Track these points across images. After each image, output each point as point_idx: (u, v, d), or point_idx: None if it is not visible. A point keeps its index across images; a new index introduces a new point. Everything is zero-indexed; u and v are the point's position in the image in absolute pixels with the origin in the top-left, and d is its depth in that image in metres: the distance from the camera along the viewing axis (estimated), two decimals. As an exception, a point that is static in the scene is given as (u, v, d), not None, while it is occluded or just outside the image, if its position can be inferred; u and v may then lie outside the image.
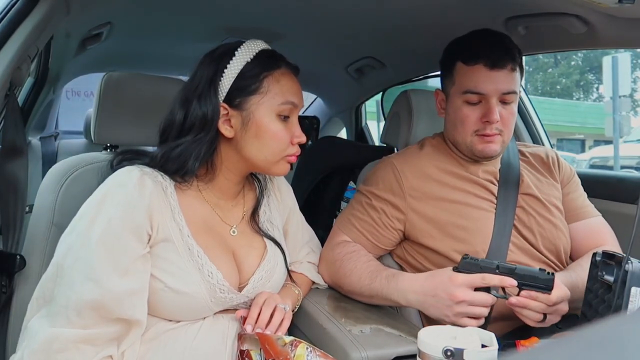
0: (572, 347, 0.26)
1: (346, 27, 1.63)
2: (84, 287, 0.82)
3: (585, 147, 16.55)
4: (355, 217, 1.25)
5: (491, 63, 1.14)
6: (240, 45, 0.97)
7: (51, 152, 2.37)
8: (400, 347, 0.96)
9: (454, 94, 1.21)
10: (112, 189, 0.90)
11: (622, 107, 8.73)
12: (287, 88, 0.98)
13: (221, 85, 0.95)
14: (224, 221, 1.01)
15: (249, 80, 0.95)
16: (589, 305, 0.97)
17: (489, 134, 1.17)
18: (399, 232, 1.23)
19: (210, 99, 0.94)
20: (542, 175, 1.29)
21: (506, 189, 1.22)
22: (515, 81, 1.17)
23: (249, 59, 0.96)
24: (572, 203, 1.29)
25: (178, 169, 0.94)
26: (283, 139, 0.97)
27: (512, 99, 1.18)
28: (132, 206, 0.88)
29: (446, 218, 1.18)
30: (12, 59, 0.97)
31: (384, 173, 1.26)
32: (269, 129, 0.96)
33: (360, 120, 2.71)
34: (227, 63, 0.95)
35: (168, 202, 0.93)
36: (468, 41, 1.21)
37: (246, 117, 0.95)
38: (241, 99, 0.95)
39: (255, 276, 1.00)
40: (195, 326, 0.93)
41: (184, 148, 0.94)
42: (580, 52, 20.99)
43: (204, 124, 0.94)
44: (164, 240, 0.91)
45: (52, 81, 2.00)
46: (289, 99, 0.97)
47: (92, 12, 1.43)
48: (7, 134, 1.10)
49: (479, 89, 1.16)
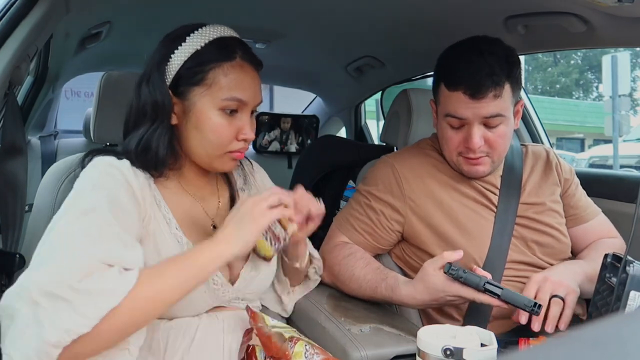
0: (572, 346, 0.26)
1: (346, 26, 1.63)
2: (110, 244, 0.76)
3: (585, 146, 16.56)
4: (353, 217, 1.25)
5: (471, 92, 1.09)
6: (196, 29, 0.92)
7: (50, 151, 2.36)
8: (399, 346, 0.96)
9: (439, 113, 1.20)
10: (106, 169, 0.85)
11: (621, 106, 8.72)
12: (236, 83, 0.90)
13: (167, 71, 0.90)
14: (207, 213, 0.99)
15: (194, 70, 0.89)
16: (596, 307, 0.97)
17: (473, 158, 1.15)
18: (397, 233, 1.23)
19: (159, 85, 0.90)
20: (545, 177, 1.28)
21: (507, 195, 1.21)
22: (500, 105, 1.10)
23: (199, 47, 0.90)
24: (574, 206, 1.29)
25: (151, 162, 0.90)
26: (224, 134, 0.91)
27: (497, 122, 1.12)
28: (132, 185, 0.85)
29: (444, 222, 1.17)
30: (11, 58, 0.97)
31: (384, 174, 1.25)
32: (209, 123, 0.90)
33: (360, 119, 2.71)
34: (176, 48, 0.90)
35: (152, 195, 0.90)
36: (452, 62, 1.15)
37: (188, 107, 0.91)
38: (184, 88, 0.90)
39: (245, 270, 0.98)
40: (192, 324, 0.92)
41: (147, 140, 0.90)
42: (579, 51, 21.01)
43: (156, 112, 0.90)
44: (153, 232, 0.88)
45: (51, 80, 2.00)
46: (234, 95, 0.90)
47: (91, 11, 1.43)
48: (7, 133, 1.10)
49: (459, 114, 1.12)
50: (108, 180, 0.83)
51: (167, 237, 0.89)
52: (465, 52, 1.13)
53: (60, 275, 0.69)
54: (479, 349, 0.76)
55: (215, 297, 0.95)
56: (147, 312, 0.76)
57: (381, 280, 1.13)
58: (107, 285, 0.71)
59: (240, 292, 0.98)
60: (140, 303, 0.74)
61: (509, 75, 1.11)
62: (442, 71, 1.17)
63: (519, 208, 1.20)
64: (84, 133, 2.50)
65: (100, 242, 0.75)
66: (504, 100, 1.11)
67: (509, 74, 1.11)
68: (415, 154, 1.29)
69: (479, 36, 1.16)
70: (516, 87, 1.14)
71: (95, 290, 0.70)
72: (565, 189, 1.29)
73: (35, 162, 2.25)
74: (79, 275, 0.70)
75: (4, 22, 0.97)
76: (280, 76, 2.62)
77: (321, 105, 2.88)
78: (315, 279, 1.18)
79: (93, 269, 0.72)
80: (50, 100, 2.39)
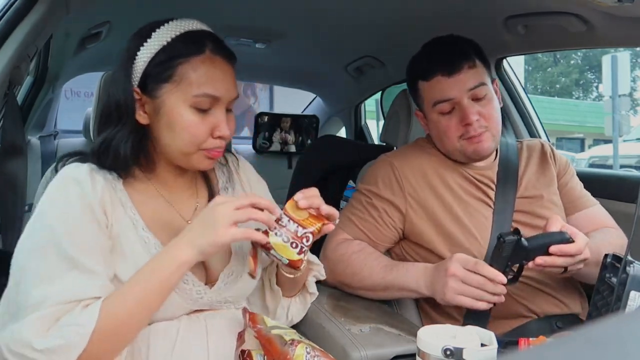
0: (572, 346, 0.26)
1: (346, 27, 1.63)
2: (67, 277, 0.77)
3: (585, 146, 16.55)
4: (355, 215, 1.25)
5: (448, 70, 1.15)
6: (161, 25, 0.89)
7: (50, 151, 2.36)
8: (399, 346, 0.96)
9: (427, 110, 1.23)
10: (64, 184, 0.84)
11: (621, 106, 8.72)
12: (207, 78, 0.86)
13: (134, 69, 0.87)
14: (182, 216, 0.95)
15: (162, 66, 0.85)
16: (596, 307, 0.97)
17: (475, 135, 1.17)
18: (399, 230, 1.23)
19: (124, 84, 0.87)
20: (540, 169, 1.29)
21: (504, 191, 1.22)
22: (478, 75, 1.17)
23: (165, 42, 0.86)
24: (569, 194, 1.29)
25: (113, 162, 0.87)
26: (197, 132, 0.87)
27: (483, 92, 1.17)
28: (88, 200, 0.83)
29: (444, 218, 1.18)
30: (11, 58, 0.97)
31: (384, 173, 1.26)
32: (180, 120, 0.86)
33: (360, 119, 2.71)
34: (142, 45, 0.87)
35: (118, 197, 0.87)
36: (420, 58, 1.23)
37: (158, 105, 0.87)
38: (153, 86, 0.86)
39: (225, 272, 0.94)
40: (172, 327, 0.89)
41: (109, 141, 0.87)
42: (579, 51, 21.02)
43: (120, 112, 0.87)
44: (119, 236, 0.85)
45: (51, 80, 2.00)
46: (205, 91, 0.86)
47: (91, 11, 1.43)
48: (7, 133, 1.10)
49: (445, 96, 1.17)
50: (65, 196, 0.83)
51: (133, 239, 0.86)
52: (430, 46, 1.23)
53: (20, 335, 0.72)
54: (479, 349, 0.76)
55: (192, 301, 0.90)
56: (118, 342, 0.78)
57: (397, 262, 1.16)
58: (69, 335, 0.73)
59: (221, 295, 0.93)
60: (107, 337, 0.76)
61: (476, 53, 1.19)
62: (415, 71, 1.24)
63: (516, 202, 1.21)
64: (84, 133, 2.49)
65: (54, 280, 0.76)
66: (479, 71, 1.18)
67: (475, 52, 1.19)
68: (414, 152, 1.30)
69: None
70: (486, 65, 1.22)
71: (56, 347, 0.72)
72: (559, 178, 1.30)
73: (35, 162, 2.25)
74: (39, 330, 0.73)
75: (4, 22, 0.97)
76: (280, 76, 2.62)
77: (321, 105, 2.88)
78: (312, 291, 1.10)
79: (52, 316, 0.74)
80: (50, 100, 2.39)
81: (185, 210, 0.96)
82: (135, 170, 0.91)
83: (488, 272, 0.99)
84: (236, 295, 0.97)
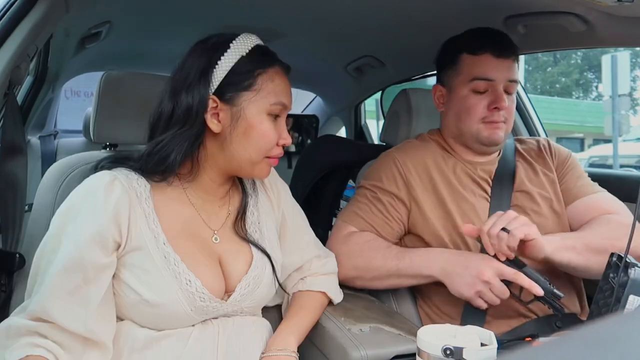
0: (571, 345, 0.26)
1: (346, 26, 1.63)
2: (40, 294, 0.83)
3: (585, 146, 16.55)
4: (362, 210, 1.25)
5: (497, 52, 1.20)
6: (235, 37, 0.94)
7: (50, 151, 2.36)
8: (399, 345, 0.96)
9: (459, 85, 1.24)
10: (80, 195, 0.88)
11: (621, 106, 8.72)
12: (281, 88, 0.94)
13: (213, 77, 0.91)
14: (208, 225, 0.97)
15: (243, 76, 0.91)
16: (597, 305, 0.97)
17: (496, 121, 1.21)
18: (404, 224, 1.24)
19: (199, 90, 0.90)
20: (537, 167, 1.30)
21: (501, 186, 1.24)
22: (517, 71, 1.23)
23: (244, 53, 0.92)
24: (568, 183, 1.29)
25: (158, 164, 0.90)
26: (271, 139, 0.94)
27: (514, 88, 1.23)
28: (98, 213, 0.85)
29: (444, 213, 1.20)
30: (11, 58, 0.97)
31: (387, 167, 1.27)
32: (259, 128, 0.92)
33: (360, 119, 2.71)
34: (222, 55, 0.91)
35: (142, 208, 0.89)
36: (471, 34, 1.25)
37: (236, 113, 0.91)
38: (233, 94, 0.91)
39: (242, 283, 0.95)
40: (185, 333, 0.90)
41: (167, 142, 0.90)
42: (579, 51, 21.01)
43: (188, 116, 0.90)
44: (138, 248, 0.87)
45: (51, 80, 2.00)
46: (281, 100, 0.94)
47: (91, 10, 1.42)
48: (7, 132, 1.10)
49: (488, 75, 1.20)
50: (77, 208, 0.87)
51: (153, 252, 0.87)
52: (479, 28, 1.26)
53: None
54: (479, 348, 0.76)
55: (205, 314, 0.92)
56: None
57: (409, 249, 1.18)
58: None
59: (237, 306, 0.95)
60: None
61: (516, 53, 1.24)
62: (463, 43, 1.25)
63: (512, 196, 1.22)
64: (84, 133, 2.49)
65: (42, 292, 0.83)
66: (517, 69, 1.24)
67: (516, 52, 1.24)
68: (416, 146, 1.32)
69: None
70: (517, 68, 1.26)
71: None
72: (559, 170, 1.31)
73: (35, 162, 2.25)
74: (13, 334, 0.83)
75: (4, 22, 0.97)
76: (280, 76, 2.61)
77: (321, 105, 2.88)
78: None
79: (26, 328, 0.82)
80: (50, 100, 2.39)
81: (214, 219, 0.98)
82: (174, 176, 0.94)
83: (528, 284, 1.01)
84: (252, 306, 0.99)
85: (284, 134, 0.96)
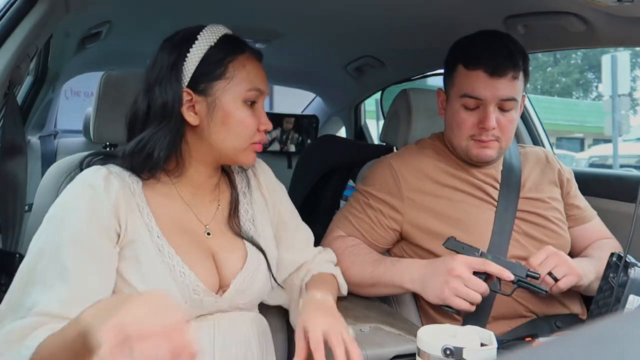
0: (571, 345, 0.26)
1: (345, 26, 1.63)
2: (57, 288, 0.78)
3: (585, 145, 16.55)
4: (352, 215, 1.25)
5: (491, 70, 1.12)
6: (202, 29, 0.94)
7: (50, 151, 2.36)
8: (399, 345, 0.96)
9: (452, 96, 1.21)
10: (78, 188, 0.86)
11: (621, 106, 8.72)
12: (254, 74, 0.94)
13: (184, 69, 0.91)
14: (200, 219, 0.96)
15: (214, 65, 0.91)
16: (597, 305, 0.97)
17: (484, 140, 1.17)
18: (395, 232, 1.23)
19: (172, 85, 0.90)
20: (544, 175, 1.30)
21: (508, 192, 1.22)
22: (516, 88, 1.14)
23: (212, 43, 0.92)
24: (576, 205, 1.31)
25: (144, 163, 0.90)
26: (250, 126, 0.93)
27: (511, 106, 1.15)
28: (99, 205, 0.84)
29: (443, 220, 1.18)
30: (11, 58, 0.97)
31: (382, 174, 1.26)
32: (236, 115, 0.92)
33: (360, 119, 2.71)
34: (190, 47, 0.91)
35: (136, 202, 0.89)
36: (471, 44, 1.18)
37: (212, 102, 0.91)
38: (206, 84, 0.91)
39: (238, 279, 0.95)
40: None
41: (147, 139, 0.90)
42: (579, 51, 20.99)
43: (165, 112, 0.90)
44: (133, 241, 0.87)
45: (51, 80, 2.00)
46: (255, 85, 0.93)
47: (91, 10, 1.42)
48: (7, 132, 1.10)
49: (476, 94, 1.14)
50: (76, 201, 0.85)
51: (148, 245, 0.87)
52: (485, 35, 1.18)
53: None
54: (479, 348, 0.76)
55: (201, 308, 0.91)
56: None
57: (385, 258, 1.17)
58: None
59: (232, 301, 0.95)
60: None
61: (523, 63, 1.16)
62: (460, 53, 1.19)
63: (519, 202, 1.21)
64: (84, 133, 2.49)
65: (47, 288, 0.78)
66: (518, 85, 1.15)
67: (523, 62, 1.16)
68: (414, 153, 1.30)
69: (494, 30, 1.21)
70: (526, 79, 1.19)
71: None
72: (567, 190, 1.31)
73: (35, 162, 2.25)
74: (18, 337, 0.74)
75: (4, 22, 0.97)
76: (280, 76, 2.62)
77: (321, 105, 2.88)
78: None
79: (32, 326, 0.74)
80: (50, 100, 2.39)
81: (205, 213, 0.98)
82: (162, 172, 0.93)
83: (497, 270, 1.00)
84: (247, 303, 0.99)
85: (263, 119, 0.96)
